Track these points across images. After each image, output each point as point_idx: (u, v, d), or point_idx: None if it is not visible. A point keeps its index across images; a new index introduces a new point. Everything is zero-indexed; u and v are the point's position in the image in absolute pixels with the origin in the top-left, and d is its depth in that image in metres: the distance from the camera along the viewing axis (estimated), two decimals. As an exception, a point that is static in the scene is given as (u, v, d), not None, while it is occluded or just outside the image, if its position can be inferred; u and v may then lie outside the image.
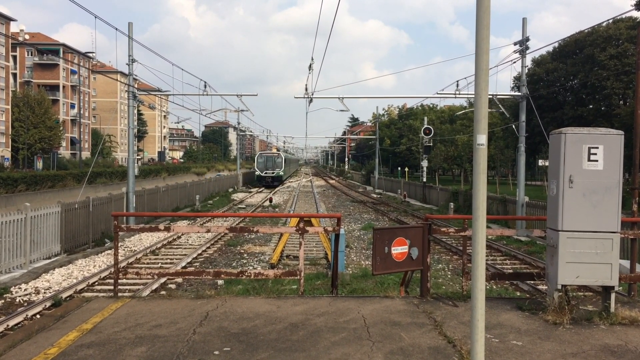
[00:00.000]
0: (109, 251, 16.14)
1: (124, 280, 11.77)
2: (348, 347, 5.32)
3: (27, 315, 9.36)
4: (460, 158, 52.07)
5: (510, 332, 5.87)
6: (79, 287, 11.62)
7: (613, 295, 6.47)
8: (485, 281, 9.54)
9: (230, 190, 48.00)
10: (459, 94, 23.33)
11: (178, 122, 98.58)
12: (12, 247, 12.92)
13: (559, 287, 6.37)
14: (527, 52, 21.32)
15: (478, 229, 4.05)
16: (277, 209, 31.81)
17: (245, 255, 16.65)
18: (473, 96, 4.43)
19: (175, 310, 6.55)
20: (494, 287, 12.76)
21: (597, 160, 6.31)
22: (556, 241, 6.36)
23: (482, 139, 4.00)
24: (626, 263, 9.93)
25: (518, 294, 11.87)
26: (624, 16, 37.11)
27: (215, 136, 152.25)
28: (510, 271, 13.92)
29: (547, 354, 5.23)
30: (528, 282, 12.35)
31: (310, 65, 22.20)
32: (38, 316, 9.24)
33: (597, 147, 6.31)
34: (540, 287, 11.53)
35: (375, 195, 44.45)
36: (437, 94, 24.90)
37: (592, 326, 6.12)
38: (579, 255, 6.29)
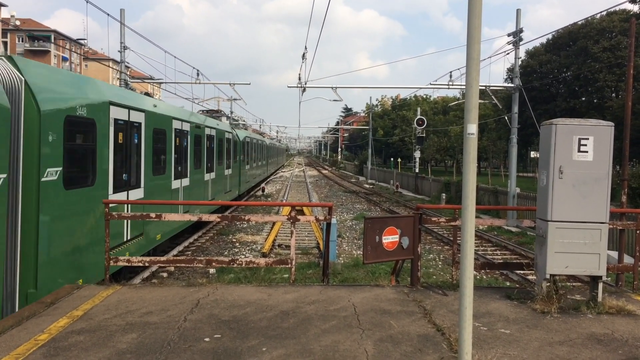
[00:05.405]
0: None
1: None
2: (338, 334, 5.36)
3: (17, 302, 9.34)
4: (453, 149, 52.16)
5: (499, 320, 5.93)
6: (70, 275, 11.59)
7: (601, 285, 6.54)
8: (475, 271, 9.57)
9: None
10: (452, 84, 23.29)
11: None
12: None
13: (548, 276, 6.43)
14: (521, 43, 21.33)
15: (467, 218, 4.07)
16: (269, 198, 31.83)
17: (237, 244, 16.66)
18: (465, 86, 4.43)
19: (167, 298, 6.57)
20: (484, 277, 12.88)
21: (587, 152, 6.35)
22: (545, 231, 6.41)
23: (472, 128, 4.02)
24: (614, 254, 10.04)
25: (508, 283, 11.98)
26: (617, 8, 37.20)
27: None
28: (500, 261, 14.03)
29: (535, 342, 5.29)
30: (517, 272, 12.45)
31: (303, 55, 22.09)
32: (29, 303, 9.21)
33: (587, 139, 6.35)
34: (529, 277, 11.63)
35: (367, 186, 44.52)
36: (431, 84, 24.82)
37: (580, 315, 6.20)
38: (567, 245, 6.34)
